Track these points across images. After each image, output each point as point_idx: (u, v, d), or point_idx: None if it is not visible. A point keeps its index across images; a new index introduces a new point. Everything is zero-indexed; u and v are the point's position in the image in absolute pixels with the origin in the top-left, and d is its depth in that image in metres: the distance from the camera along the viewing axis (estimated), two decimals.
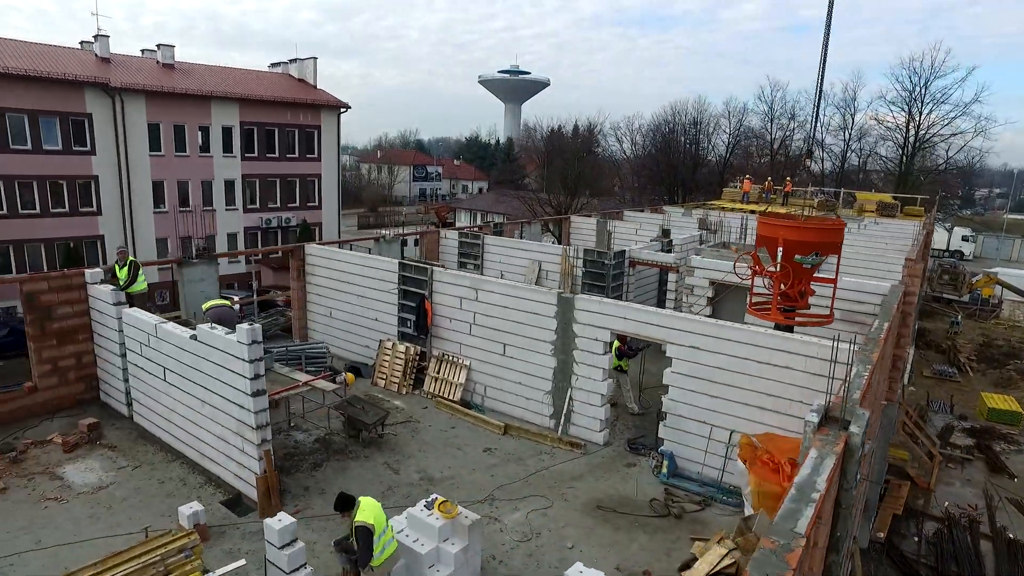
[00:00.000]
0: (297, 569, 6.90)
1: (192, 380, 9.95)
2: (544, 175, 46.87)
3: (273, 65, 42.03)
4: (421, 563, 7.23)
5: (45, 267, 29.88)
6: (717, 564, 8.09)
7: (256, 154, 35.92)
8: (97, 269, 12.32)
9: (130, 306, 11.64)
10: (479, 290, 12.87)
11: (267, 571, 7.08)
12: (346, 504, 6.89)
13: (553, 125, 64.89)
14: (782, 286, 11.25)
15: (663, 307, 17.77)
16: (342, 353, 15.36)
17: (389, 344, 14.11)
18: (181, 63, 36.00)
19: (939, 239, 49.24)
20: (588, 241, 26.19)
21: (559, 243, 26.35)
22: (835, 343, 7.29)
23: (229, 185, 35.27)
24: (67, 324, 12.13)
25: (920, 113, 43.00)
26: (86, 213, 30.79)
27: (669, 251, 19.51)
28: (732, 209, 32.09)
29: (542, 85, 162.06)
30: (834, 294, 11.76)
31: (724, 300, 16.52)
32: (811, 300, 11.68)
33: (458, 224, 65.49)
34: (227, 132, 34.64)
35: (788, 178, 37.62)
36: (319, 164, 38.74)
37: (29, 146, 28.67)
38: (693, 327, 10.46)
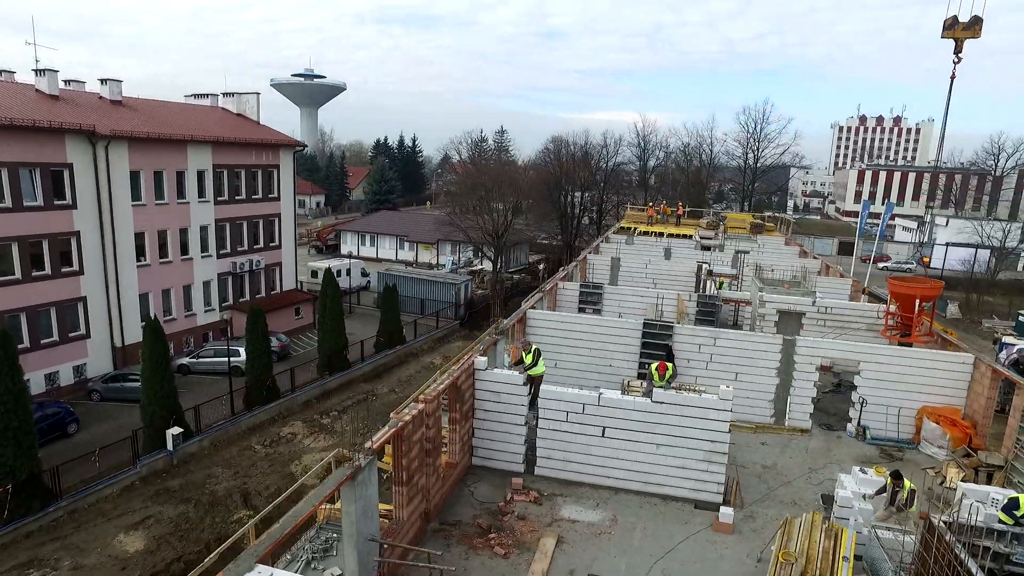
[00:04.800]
0: None
1: (645, 432, 14.10)
2: (483, 197, 50.26)
3: (198, 96, 39.41)
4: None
5: (27, 341, 26.22)
6: (959, 476, 15.37)
7: (227, 197, 34.47)
8: (483, 358, 15.13)
9: (529, 386, 14.91)
10: (717, 338, 18.53)
11: None
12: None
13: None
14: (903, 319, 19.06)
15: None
16: None
17: (631, 383, 18.87)
18: (127, 98, 32.80)
19: None
20: (602, 274, 32.30)
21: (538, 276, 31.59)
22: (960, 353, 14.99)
23: (204, 231, 33.46)
24: (467, 406, 14.81)
25: (757, 149, 57.59)
26: (68, 274, 27.49)
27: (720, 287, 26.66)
28: (670, 235, 40.74)
29: (339, 89, 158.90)
30: (932, 322, 19.88)
31: (782, 323, 24.21)
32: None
33: (345, 248, 64.97)
34: (201, 176, 32.84)
35: (680, 203, 47.91)
36: (279, 204, 38.11)
37: (9, 203, 25.01)
38: (880, 351, 17.70)
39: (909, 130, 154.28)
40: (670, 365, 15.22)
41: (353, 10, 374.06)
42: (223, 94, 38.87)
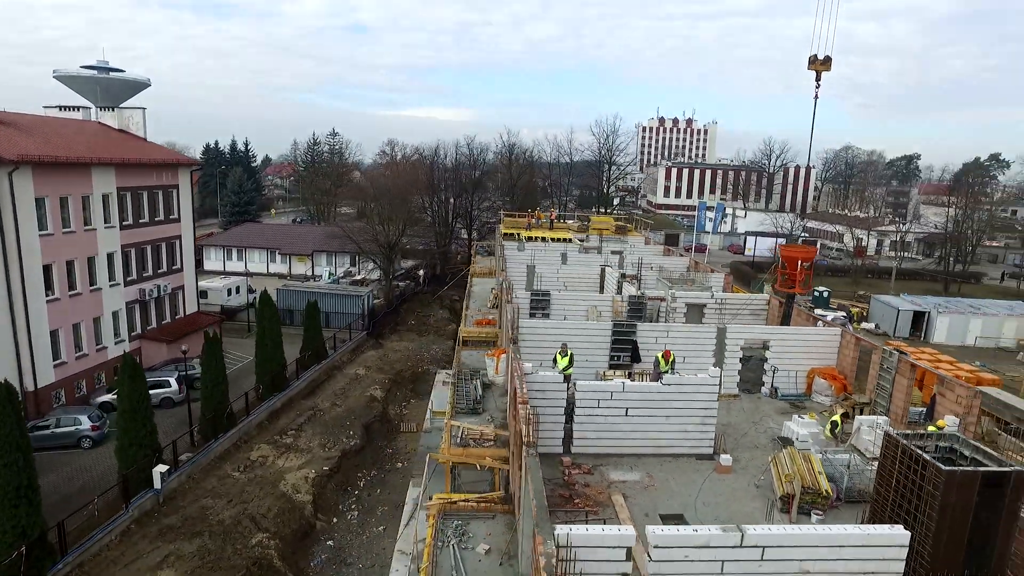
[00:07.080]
0: None
1: (657, 408, 18.45)
2: (375, 209, 50.61)
3: (63, 109, 35.62)
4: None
5: None
6: (843, 415, 22.10)
7: (131, 221, 32.27)
8: (529, 364, 18.28)
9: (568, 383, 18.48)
10: (669, 332, 23.58)
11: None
12: None
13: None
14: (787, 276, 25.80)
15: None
16: None
17: (605, 373, 23.21)
18: (2, 114, 29.28)
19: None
20: (519, 280, 36.33)
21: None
22: (840, 328, 22.00)
23: (111, 258, 31.09)
24: (520, 404, 17.89)
25: (610, 157, 65.32)
26: None
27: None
28: (553, 239, 45.92)
29: (142, 86, 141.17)
30: (811, 278, 26.68)
31: (690, 314, 30.34)
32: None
33: (209, 264, 60.76)
34: (105, 200, 30.49)
35: (552, 209, 53.53)
36: (179, 225, 36.17)
37: None
38: (781, 332, 24.07)
39: (699, 131, 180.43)
40: (671, 352, 19.72)
41: None
42: (99, 107, 35.63)
